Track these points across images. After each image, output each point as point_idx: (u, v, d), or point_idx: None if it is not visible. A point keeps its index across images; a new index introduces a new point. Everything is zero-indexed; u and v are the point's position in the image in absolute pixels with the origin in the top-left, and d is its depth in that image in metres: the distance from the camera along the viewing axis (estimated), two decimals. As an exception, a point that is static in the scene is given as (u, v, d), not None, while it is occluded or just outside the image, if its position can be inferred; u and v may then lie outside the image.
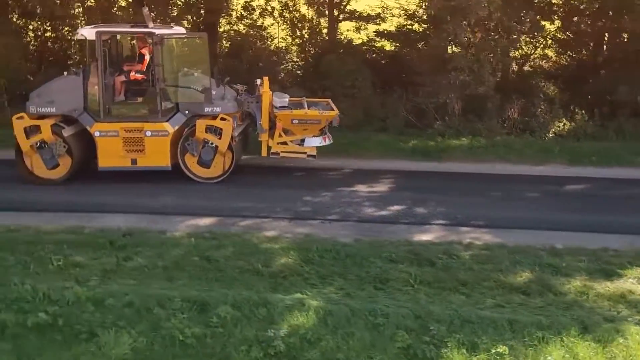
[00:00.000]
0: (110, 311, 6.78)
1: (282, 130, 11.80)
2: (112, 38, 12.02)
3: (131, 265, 7.93)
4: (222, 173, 11.50)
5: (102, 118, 11.22)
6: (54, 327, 6.56)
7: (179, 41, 12.38)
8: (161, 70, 11.16)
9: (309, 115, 11.92)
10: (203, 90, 11.24)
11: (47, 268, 7.81)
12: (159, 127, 11.24)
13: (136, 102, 11.65)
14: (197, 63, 11.83)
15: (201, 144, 11.38)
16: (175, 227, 9.31)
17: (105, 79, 11.15)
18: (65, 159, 11.25)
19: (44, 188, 11.02)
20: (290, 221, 9.63)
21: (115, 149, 11.16)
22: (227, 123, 11.28)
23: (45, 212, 9.87)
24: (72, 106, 11.23)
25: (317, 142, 12.04)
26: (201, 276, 7.73)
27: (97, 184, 11.23)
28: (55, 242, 8.49)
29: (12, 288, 7.11)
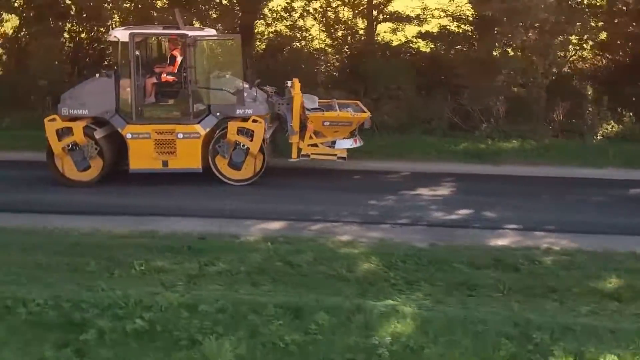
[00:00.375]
0: (205, 317, 6.73)
1: (313, 132, 11.76)
2: (144, 40, 11.98)
3: (214, 270, 7.89)
4: (252, 175, 11.48)
5: (134, 120, 11.19)
6: (152, 333, 6.52)
7: (212, 43, 12.33)
8: (193, 72, 11.16)
9: (341, 117, 11.89)
10: (235, 92, 11.20)
11: (130, 273, 7.80)
12: (191, 129, 11.25)
13: (168, 104, 11.68)
14: (230, 65, 11.84)
15: (232, 146, 11.37)
16: (247, 231, 9.28)
17: (137, 81, 11.15)
18: (97, 161, 11.26)
19: (105, 191, 11.04)
20: (360, 225, 9.58)
21: (146, 151, 11.19)
22: (259, 125, 11.27)
23: (113, 216, 9.86)
24: (104, 108, 11.24)
25: (348, 144, 11.98)
26: (286, 281, 7.69)
27: (156, 186, 11.22)
28: (132, 246, 8.47)
29: (102, 293, 7.10)
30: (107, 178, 11.38)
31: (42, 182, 11.25)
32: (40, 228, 9.15)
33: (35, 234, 8.92)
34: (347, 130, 11.93)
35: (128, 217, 9.83)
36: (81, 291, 7.20)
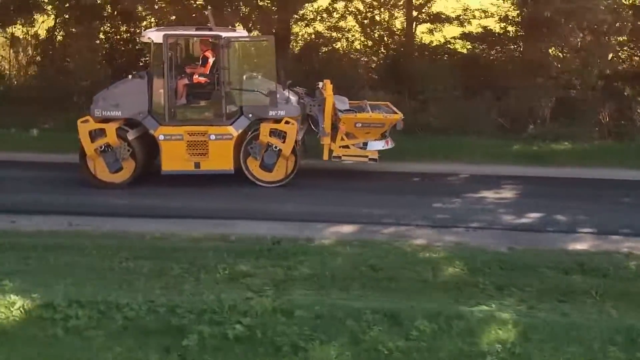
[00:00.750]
0: (303, 323, 6.68)
1: (344, 133, 11.70)
2: (176, 41, 11.96)
3: (299, 274, 7.83)
4: (284, 177, 11.45)
5: (166, 121, 11.15)
6: (252, 339, 6.48)
7: (246, 44, 12.34)
8: (227, 73, 11.12)
9: (373, 118, 11.82)
10: (268, 93, 11.15)
11: (215, 277, 7.75)
12: (224, 131, 11.22)
13: (200, 105, 11.66)
14: (263, 66, 11.81)
15: (264, 148, 11.33)
16: (320, 235, 9.23)
17: (170, 82, 11.12)
18: (129, 162, 11.23)
19: (164, 193, 11.01)
20: (433, 229, 9.52)
21: (179, 153, 11.15)
22: (292, 126, 11.25)
23: (178, 219, 9.83)
24: (136, 109, 11.21)
25: (380, 146, 11.93)
26: (374, 286, 7.62)
27: (214, 189, 11.22)
28: (209, 250, 8.42)
29: (195, 298, 7.07)
30: (159, 180, 11.35)
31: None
32: (118, 231, 9.15)
33: (113, 237, 8.89)
34: (378, 132, 11.90)
35: (194, 220, 9.81)
36: (172, 295, 7.18)
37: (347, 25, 18.66)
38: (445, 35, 18.71)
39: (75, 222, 9.50)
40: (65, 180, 11.50)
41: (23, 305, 6.83)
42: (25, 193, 10.81)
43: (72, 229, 9.31)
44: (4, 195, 10.65)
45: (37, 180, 11.32)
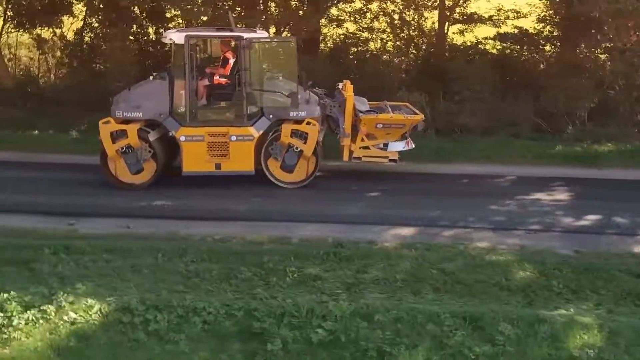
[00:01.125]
0: (384, 327, 6.65)
1: (365, 134, 11.66)
2: (197, 42, 11.86)
3: (368, 277, 7.77)
4: (305, 178, 11.43)
5: (187, 122, 11.13)
6: (336, 343, 6.46)
7: (268, 45, 12.28)
8: (248, 74, 11.08)
9: (394, 119, 11.75)
10: (290, 94, 11.10)
11: (285, 280, 7.70)
12: (244, 132, 11.18)
13: (220, 106, 11.60)
14: (285, 67, 11.75)
15: (285, 149, 11.31)
16: (381, 238, 9.16)
17: (191, 83, 11.08)
18: (150, 163, 11.20)
19: (216, 195, 10.96)
20: (493, 231, 9.43)
21: (200, 154, 11.12)
22: (313, 127, 11.24)
23: (234, 221, 9.77)
24: (157, 111, 11.16)
25: (400, 147, 11.89)
26: (447, 290, 7.56)
27: (270, 191, 11.16)
28: (274, 253, 8.36)
29: (272, 302, 7.02)
30: (206, 182, 11.29)
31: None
32: (175, 234, 9.12)
33: (173, 240, 8.86)
34: (399, 133, 11.85)
35: (250, 222, 9.74)
36: (247, 299, 7.14)
37: (380, 26, 18.61)
38: (476, 35, 18.68)
39: (133, 225, 9.47)
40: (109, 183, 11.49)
41: (100, 309, 6.82)
42: (77, 195, 10.78)
43: (130, 231, 9.28)
44: (61, 198, 10.63)
45: (90, 182, 11.26)
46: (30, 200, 10.42)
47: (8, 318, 6.58)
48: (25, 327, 6.53)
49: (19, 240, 8.60)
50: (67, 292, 7.03)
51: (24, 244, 8.40)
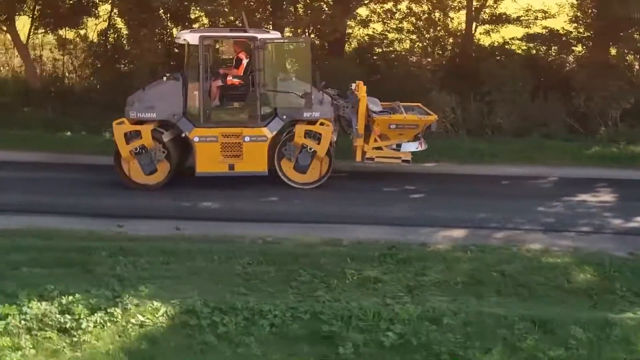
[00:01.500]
0: (454, 330, 6.62)
1: (377, 135, 11.64)
2: (211, 42, 11.86)
3: (428, 280, 7.74)
4: (318, 179, 11.43)
5: (201, 123, 11.11)
6: (408, 347, 6.42)
7: (282, 46, 12.25)
8: (262, 74, 11.04)
9: (408, 120, 11.72)
10: (304, 94, 11.07)
11: (345, 283, 7.67)
12: (258, 133, 11.17)
13: (233, 107, 11.58)
14: (299, 67, 11.71)
15: (299, 149, 11.29)
16: (431, 239, 9.13)
17: (205, 84, 11.06)
18: (164, 164, 11.18)
19: (259, 196, 10.95)
20: (544, 233, 9.39)
21: (213, 155, 11.09)
22: (327, 128, 11.22)
23: (281, 223, 9.74)
24: (171, 111, 11.15)
25: (413, 147, 11.84)
26: (509, 292, 7.53)
27: (311, 193, 11.17)
28: (329, 255, 8.33)
29: (337, 305, 7.00)
30: (249, 183, 11.27)
31: (185, 188, 11.20)
32: (224, 236, 9.08)
33: (224, 242, 8.82)
34: (412, 133, 11.81)
35: (298, 224, 9.69)
36: (310, 302, 7.11)
37: (407, 27, 18.56)
38: (503, 36, 18.62)
39: (182, 227, 9.44)
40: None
41: (166, 311, 6.80)
42: (122, 197, 10.78)
43: (179, 233, 9.26)
44: (107, 199, 10.62)
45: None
46: (77, 203, 10.40)
47: (76, 321, 6.57)
48: (94, 329, 6.51)
49: (72, 242, 8.59)
50: (130, 295, 7.03)
51: (78, 246, 8.38)
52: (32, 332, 6.43)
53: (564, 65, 17.29)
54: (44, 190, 10.98)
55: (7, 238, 8.60)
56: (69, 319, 6.56)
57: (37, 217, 9.60)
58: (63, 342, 6.36)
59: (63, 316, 6.59)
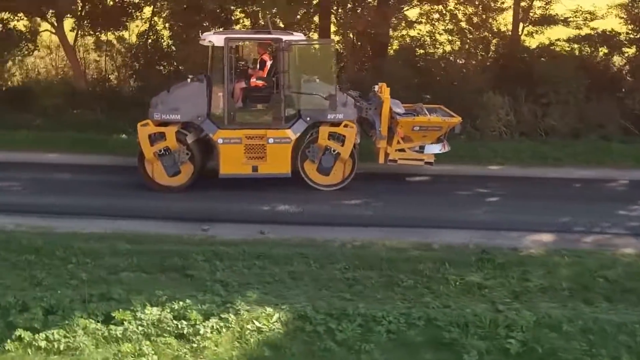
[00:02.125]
0: (575, 338, 6.52)
1: (401, 137, 11.57)
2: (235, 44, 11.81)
3: (534, 286, 7.64)
4: (341, 180, 11.41)
5: (225, 125, 11.06)
6: (532, 355, 6.36)
7: (306, 47, 12.21)
8: (287, 76, 11.01)
9: (432, 122, 11.68)
10: (328, 96, 11.02)
11: (449, 288, 7.59)
12: (282, 134, 11.14)
13: (257, 108, 11.54)
14: (323, 69, 11.60)
15: (322, 151, 11.25)
16: (521, 244, 9.06)
17: (230, 86, 11.03)
18: (188, 166, 11.15)
19: (335, 199, 10.94)
20: (635, 237, 9.27)
21: (237, 156, 11.07)
22: (351, 130, 11.20)
23: (368, 227, 9.71)
24: (195, 113, 11.12)
25: (437, 149, 11.81)
26: (618, 298, 7.42)
27: (388, 196, 11.09)
28: (426, 260, 8.25)
29: (451, 311, 6.93)
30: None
31: (262, 191, 11.13)
32: (317, 240, 9.03)
33: (314, 246, 8.78)
34: (435, 135, 11.78)
35: (380, 228, 9.63)
36: (420, 308, 7.02)
37: (451, 28, 18.45)
38: (549, 37, 18.49)
39: (266, 230, 9.40)
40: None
41: (280, 317, 6.74)
42: (204, 200, 10.72)
43: (265, 237, 9.20)
44: (191, 203, 10.58)
45: (216, 187, 11.17)
46: (156, 205, 10.39)
47: (192, 326, 6.52)
48: (212, 335, 6.46)
49: (165, 246, 8.56)
50: (239, 300, 6.98)
51: (172, 250, 8.36)
52: (151, 338, 6.39)
53: (610, 67, 17.12)
54: (118, 193, 10.99)
55: (100, 242, 8.60)
56: (185, 325, 6.53)
57: (119, 220, 9.61)
58: (183, 347, 6.33)
59: (179, 322, 6.56)
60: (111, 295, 6.99)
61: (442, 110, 12.34)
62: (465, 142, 14.01)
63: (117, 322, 6.53)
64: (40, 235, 8.73)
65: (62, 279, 7.43)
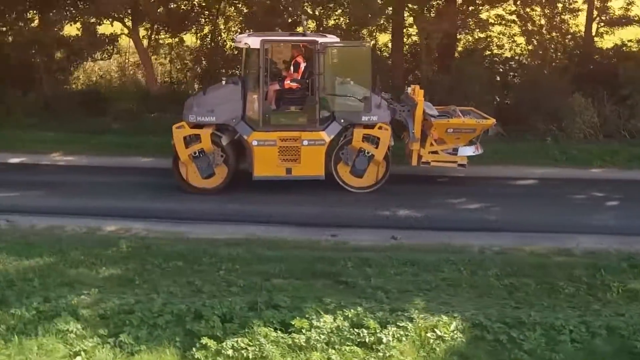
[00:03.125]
0: None
1: (434, 139, 11.58)
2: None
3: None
4: (374, 183, 11.41)
5: (260, 127, 11.04)
6: None
7: (342, 49, 12.13)
8: (322, 78, 11.02)
9: (466, 124, 11.69)
10: (363, 98, 11.02)
11: (613, 296, 7.45)
12: (316, 136, 11.15)
13: (290, 110, 11.53)
14: (358, 71, 11.49)
15: (356, 153, 11.22)
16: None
17: (265, 88, 11.00)
18: (222, 168, 11.15)
19: (454, 203, 10.94)
20: None
21: (271, 159, 11.10)
22: (386, 132, 11.22)
23: (495, 232, 9.61)
24: (230, 115, 11.11)
25: (470, 152, 11.82)
26: None
27: (500, 200, 10.99)
28: (576, 266, 8.15)
29: (628, 320, 6.74)
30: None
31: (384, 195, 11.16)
32: (454, 245, 8.94)
33: (448, 252, 8.67)
34: (468, 138, 11.78)
35: (514, 233, 9.54)
36: (594, 316, 6.85)
37: (515, 30, 18.21)
38: (621, 37, 18.25)
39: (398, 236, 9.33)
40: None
41: (457, 326, 6.59)
42: (331, 206, 10.76)
43: (398, 242, 9.14)
44: (315, 209, 10.62)
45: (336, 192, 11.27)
46: (277, 211, 10.38)
47: (373, 335, 6.39)
48: (395, 344, 6.32)
49: (303, 251, 8.53)
50: (406, 308, 6.85)
51: (315, 256, 8.31)
52: (335, 346, 6.27)
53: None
54: (227, 199, 10.94)
55: (239, 247, 8.56)
56: (366, 333, 6.39)
57: (250, 226, 9.64)
58: (370, 356, 6.18)
59: (359, 330, 6.42)
60: (276, 302, 6.88)
61: (475, 113, 12.33)
62: (553, 145, 13.94)
63: (296, 330, 6.41)
64: (177, 241, 8.71)
65: (220, 286, 7.34)
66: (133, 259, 8.16)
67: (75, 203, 10.53)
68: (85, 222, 9.62)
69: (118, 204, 10.49)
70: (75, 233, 9.27)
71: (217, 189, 11.16)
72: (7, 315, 6.58)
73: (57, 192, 11.07)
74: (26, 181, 11.61)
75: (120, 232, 9.33)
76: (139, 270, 7.83)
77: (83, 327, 6.39)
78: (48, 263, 7.96)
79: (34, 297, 6.87)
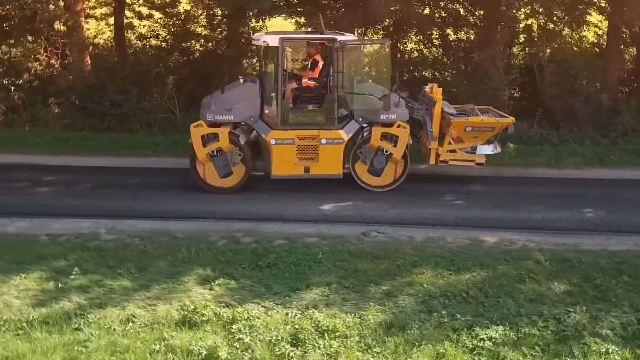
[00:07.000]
0: None
1: (453, 137, 12.19)
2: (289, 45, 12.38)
3: None
4: (392, 182, 12.06)
5: (279, 125, 11.58)
6: None
7: (361, 48, 12.76)
8: (341, 77, 11.52)
9: (485, 122, 12.20)
10: (382, 97, 11.54)
11: None
12: (335, 135, 11.69)
13: (308, 109, 12.00)
14: (378, 69, 12.31)
15: (374, 152, 11.87)
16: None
17: (284, 86, 11.56)
18: (240, 167, 11.70)
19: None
20: None
21: (289, 157, 11.63)
22: (404, 130, 11.82)
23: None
24: (248, 114, 11.62)
25: (489, 150, 12.44)
26: None
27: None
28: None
29: None
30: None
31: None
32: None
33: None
34: (486, 136, 12.36)
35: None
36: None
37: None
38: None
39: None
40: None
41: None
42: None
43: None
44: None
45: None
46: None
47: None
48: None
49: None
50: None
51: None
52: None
53: None
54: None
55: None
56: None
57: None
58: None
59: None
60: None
61: (493, 111, 12.83)
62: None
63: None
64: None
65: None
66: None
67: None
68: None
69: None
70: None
71: (235, 188, 11.37)
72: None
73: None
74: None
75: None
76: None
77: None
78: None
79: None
